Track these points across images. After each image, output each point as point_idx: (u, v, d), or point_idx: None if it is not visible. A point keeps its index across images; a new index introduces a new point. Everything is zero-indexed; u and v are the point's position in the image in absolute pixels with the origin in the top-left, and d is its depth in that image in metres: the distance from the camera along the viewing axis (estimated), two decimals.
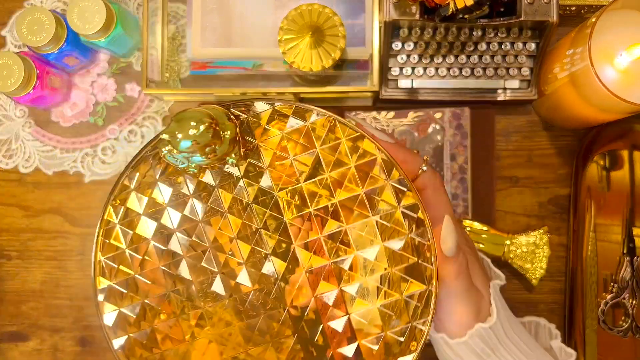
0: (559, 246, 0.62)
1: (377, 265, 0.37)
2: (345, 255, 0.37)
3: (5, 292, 0.66)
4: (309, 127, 0.38)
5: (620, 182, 0.58)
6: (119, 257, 0.39)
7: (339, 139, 0.38)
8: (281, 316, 0.37)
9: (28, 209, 0.66)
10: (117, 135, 0.65)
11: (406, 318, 0.37)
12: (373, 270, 0.37)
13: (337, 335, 0.37)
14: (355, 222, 0.37)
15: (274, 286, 0.37)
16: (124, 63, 0.66)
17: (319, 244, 0.37)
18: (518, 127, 0.63)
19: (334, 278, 0.37)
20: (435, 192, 0.41)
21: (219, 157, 0.36)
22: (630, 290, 0.56)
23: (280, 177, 0.38)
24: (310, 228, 0.37)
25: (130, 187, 0.39)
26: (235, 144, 0.36)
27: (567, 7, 0.60)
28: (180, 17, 0.64)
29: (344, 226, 0.37)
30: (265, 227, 0.37)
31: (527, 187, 0.62)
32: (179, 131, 0.33)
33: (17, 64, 0.57)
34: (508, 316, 0.44)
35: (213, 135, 0.33)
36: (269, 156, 0.38)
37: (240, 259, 0.38)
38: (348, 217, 0.37)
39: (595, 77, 0.47)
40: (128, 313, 0.39)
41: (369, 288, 0.37)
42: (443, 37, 0.58)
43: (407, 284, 0.37)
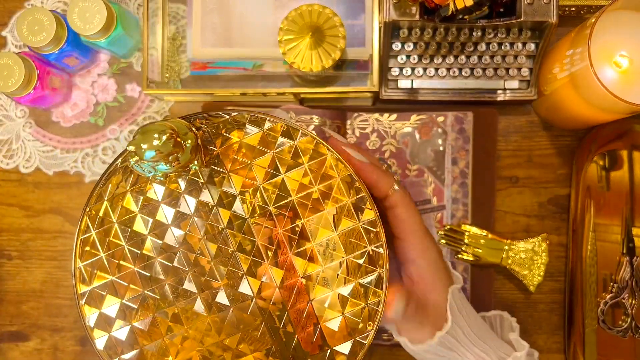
0: (558, 246, 0.62)
1: (334, 254, 0.41)
2: (304, 247, 0.41)
3: (5, 292, 0.66)
4: (264, 133, 0.42)
5: (619, 182, 0.59)
6: (97, 263, 0.42)
7: (291, 142, 0.42)
8: (249, 308, 0.41)
9: (28, 209, 0.66)
10: (117, 135, 0.65)
11: (362, 300, 0.41)
12: (331, 259, 0.41)
13: (302, 321, 0.41)
14: (312, 216, 0.41)
15: (241, 280, 0.41)
16: (124, 63, 0.66)
17: (281, 238, 0.41)
18: (518, 127, 0.63)
19: (296, 269, 0.41)
20: (407, 209, 0.46)
21: (182, 164, 0.39)
22: (630, 290, 0.57)
23: (242, 180, 0.41)
24: (274, 225, 0.41)
25: (104, 197, 0.42)
26: (196, 152, 0.39)
27: (567, 8, 0.60)
28: (181, 17, 0.64)
29: (301, 221, 0.41)
30: (230, 227, 0.41)
31: (526, 187, 0.63)
32: (143, 142, 0.36)
33: (18, 64, 0.57)
34: (467, 314, 0.48)
35: (174, 145, 0.36)
36: (230, 162, 0.41)
37: (208, 257, 0.41)
38: (304, 213, 0.41)
39: (594, 77, 0.47)
40: (108, 314, 0.42)
41: (328, 276, 0.41)
42: (443, 37, 0.58)
43: (361, 268, 0.41)
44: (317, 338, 0.41)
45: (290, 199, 0.41)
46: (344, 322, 0.41)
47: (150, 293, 0.41)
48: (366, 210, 0.41)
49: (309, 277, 0.41)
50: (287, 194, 0.41)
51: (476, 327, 0.48)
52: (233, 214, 0.41)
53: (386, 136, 0.62)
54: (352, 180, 0.42)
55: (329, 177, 0.41)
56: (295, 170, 0.41)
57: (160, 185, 0.41)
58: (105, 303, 0.42)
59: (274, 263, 0.41)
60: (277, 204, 0.41)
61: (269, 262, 0.41)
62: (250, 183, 0.41)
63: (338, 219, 0.41)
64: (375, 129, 0.62)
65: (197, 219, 0.41)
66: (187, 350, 0.41)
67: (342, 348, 0.41)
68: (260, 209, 0.41)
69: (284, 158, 0.42)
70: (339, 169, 0.42)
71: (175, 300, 0.41)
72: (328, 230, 0.41)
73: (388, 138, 0.62)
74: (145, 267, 0.41)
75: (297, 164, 0.41)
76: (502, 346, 0.49)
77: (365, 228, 0.41)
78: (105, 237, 0.42)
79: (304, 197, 0.41)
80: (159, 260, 0.41)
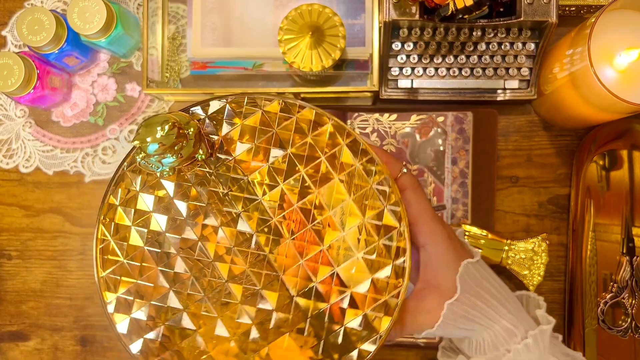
0: (558, 246, 0.62)
1: (351, 219, 0.41)
2: (321, 217, 0.41)
3: (5, 291, 0.66)
4: (263, 113, 0.41)
5: (619, 181, 0.59)
6: (120, 269, 0.42)
7: (291, 117, 0.42)
8: (277, 286, 0.41)
9: (28, 209, 0.66)
10: (117, 135, 0.65)
11: (388, 259, 0.41)
12: (349, 225, 0.41)
13: (330, 291, 0.41)
14: (324, 186, 0.41)
15: (265, 261, 0.41)
16: (124, 63, 0.66)
17: (295, 212, 0.41)
18: (518, 127, 0.63)
19: (316, 240, 0.41)
20: (415, 191, 0.46)
21: (187, 156, 0.39)
22: (630, 290, 0.57)
23: (249, 164, 0.41)
24: (287, 201, 0.41)
25: (117, 203, 0.42)
26: (200, 141, 0.39)
27: (567, 7, 0.60)
28: (181, 17, 0.64)
29: (314, 192, 0.41)
30: (245, 210, 0.41)
31: (526, 186, 0.63)
32: (147, 135, 0.36)
33: (18, 64, 0.57)
34: (489, 286, 0.48)
35: (178, 136, 0.36)
36: (234, 148, 0.41)
37: (228, 244, 0.41)
38: (316, 184, 0.41)
39: (594, 77, 0.47)
40: (139, 318, 0.41)
41: (350, 243, 0.41)
42: (443, 37, 0.58)
43: (381, 230, 0.41)
44: (349, 306, 0.41)
45: (300, 173, 0.41)
46: (372, 285, 0.41)
47: (177, 289, 0.41)
48: (376, 170, 0.41)
49: (331, 246, 0.41)
50: (295, 169, 0.41)
51: (502, 298, 0.48)
52: (246, 198, 0.41)
53: (386, 136, 0.62)
54: (358, 144, 0.41)
55: (335, 145, 0.41)
56: (299, 143, 0.41)
57: (169, 182, 0.41)
58: (134, 308, 0.41)
59: (294, 239, 0.41)
60: (287, 180, 0.41)
61: (289, 238, 0.41)
62: (257, 165, 0.41)
63: (349, 184, 0.41)
64: (375, 129, 0.62)
65: (210, 208, 0.41)
66: (222, 340, 0.41)
67: (375, 310, 0.41)
68: (270, 189, 0.41)
69: (287, 134, 0.41)
70: (343, 135, 0.41)
71: (204, 292, 0.41)
72: (341, 197, 0.41)
73: (388, 138, 0.62)
74: (167, 265, 0.41)
75: (301, 138, 0.41)
76: (529, 320, 0.49)
77: (378, 189, 0.41)
78: (123, 242, 0.41)
79: (313, 168, 0.41)
80: (180, 257, 0.41)
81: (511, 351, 0.46)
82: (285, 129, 0.41)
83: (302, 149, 0.41)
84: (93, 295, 0.65)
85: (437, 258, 0.47)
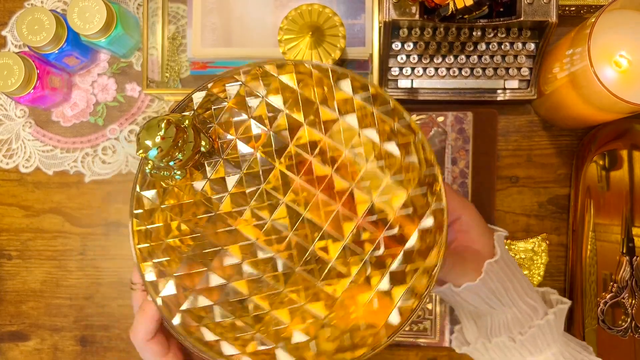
0: (558, 246, 0.62)
1: (366, 149, 0.40)
2: (339, 159, 0.40)
3: (5, 291, 0.66)
4: (243, 84, 0.40)
5: (619, 181, 0.59)
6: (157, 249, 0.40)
7: (274, 77, 0.40)
8: (324, 232, 0.39)
9: (28, 209, 0.66)
10: (117, 135, 0.65)
11: (416, 174, 0.40)
12: (367, 157, 0.40)
13: (374, 224, 0.39)
14: (332, 130, 0.40)
15: (299, 219, 0.39)
16: (124, 63, 0.66)
17: (314, 165, 0.40)
18: (518, 126, 0.63)
19: (343, 181, 0.40)
20: None
21: (193, 150, 0.38)
22: (630, 290, 0.57)
23: (251, 139, 0.40)
24: (303, 159, 0.40)
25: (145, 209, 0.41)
26: (199, 132, 0.39)
27: (567, 7, 0.60)
28: (181, 17, 0.64)
29: (323, 138, 0.40)
30: (267, 183, 0.40)
31: (526, 186, 0.63)
32: (148, 138, 0.36)
33: (18, 64, 0.57)
34: (513, 263, 0.49)
35: (177, 130, 0.36)
36: (232, 129, 0.40)
37: (267, 218, 0.40)
38: (322, 129, 0.40)
39: (594, 77, 0.47)
40: (170, 293, 0.40)
41: (375, 172, 0.40)
42: (443, 37, 0.58)
43: (397, 147, 0.40)
44: (397, 232, 0.40)
45: (302, 127, 0.40)
46: (409, 199, 0.39)
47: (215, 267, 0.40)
48: (379, 94, 0.40)
49: (358, 185, 0.39)
50: (297, 125, 0.40)
51: (523, 277, 0.49)
52: (262, 169, 0.40)
53: None
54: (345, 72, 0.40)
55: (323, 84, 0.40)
56: (291, 99, 0.40)
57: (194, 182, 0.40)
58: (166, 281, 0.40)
59: (326, 190, 0.40)
60: (295, 138, 0.40)
61: (319, 189, 0.40)
62: (259, 136, 0.40)
63: (351, 111, 0.40)
64: None
65: (230, 194, 0.40)
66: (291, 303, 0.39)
67: (411, 231, 0.39)
68: (279, 154, 0.40)
69: (274, 96, 0.40)
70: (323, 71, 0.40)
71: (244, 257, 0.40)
72: (351, 131, 0.40)
73: None
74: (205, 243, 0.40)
75: (291, 93, 0.40)
76: (542, 302, 0.50)
77: (384, 111, 0.40)
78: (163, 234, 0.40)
79: (313, 116, 0.40)
80: (218, 232, 0.40)
81: (534, 327, 0.46)
82: (271, 91, 0.40)
83: (296, 104, 0.40)
84: (93, 295, 0.65)
85: (475, 226, 0.48)
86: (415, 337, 0.62)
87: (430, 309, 0.62)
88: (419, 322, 0.62)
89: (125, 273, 0.51)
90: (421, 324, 0.62)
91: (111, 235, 0.65)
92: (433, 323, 0.62)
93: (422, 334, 0.62)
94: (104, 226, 0.65)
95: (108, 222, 0.65)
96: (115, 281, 0.65)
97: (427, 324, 0.62)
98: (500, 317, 0.48)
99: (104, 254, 0.65)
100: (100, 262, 0.65)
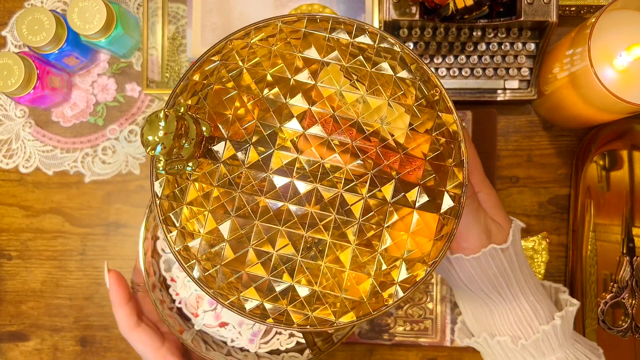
0: (558, 246, 0.62)
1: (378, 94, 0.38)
2: (352, 108, 0.38)
3: (5, 292, 0.66)
4: (220, 64, 0.39)
5: (619, 182, 0.59)
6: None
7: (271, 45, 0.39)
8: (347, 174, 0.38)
9: (28, 209, 0.66)
10: (117, 135, 0.65)
11: (430, 112, 0.39)
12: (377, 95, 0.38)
13: (395, 155, 0.38)
14: (343, 86, 0.38)
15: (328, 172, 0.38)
16: (124, 63, 0.66)
17: (331, 120, 0.38)
18: (518, 127, 0.63)
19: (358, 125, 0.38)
20: (469, 144, 0.46)
21: (197, 137, 0.37)
22: (630, 290, 0.57)
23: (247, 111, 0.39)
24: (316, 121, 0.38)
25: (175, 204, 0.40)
26: (196, 121, 0.38)
27: (567, 8, 0.60)
28: (181, 17, 0.64)
29: (335, 87, 0.38)
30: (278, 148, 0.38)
31: (526, 187, 0.63)
32: (152, 133, 0.35)
33: (18, 64, 0.57)
34: (522, 255, 0.48)
35: (177, 118, 0.35)
36: (224, 109, 0.39)
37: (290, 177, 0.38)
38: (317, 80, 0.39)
39: (594, 77, 0.47)
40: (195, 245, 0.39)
41: (383, 109, 0.38)
42: (443, 37, 0.58)
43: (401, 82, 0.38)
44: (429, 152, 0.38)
45: (289, 80, 0.38)
46: (428, 143, 0.38)
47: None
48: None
49: (377, 132, 0.38)
50: (284, 80, 0.38)
51: (531, 274, 0.48)
52: (267, 134, 0.38)
53: None
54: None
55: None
56: (269, 55, 0.38)
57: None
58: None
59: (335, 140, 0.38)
60: (286, 95, 0.38)
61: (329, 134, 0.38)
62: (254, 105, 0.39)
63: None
64: None
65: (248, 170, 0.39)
66: None
67: None
68: (278, 114, 0.39)
69: (252, 60, 0.39)
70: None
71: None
72: (337, 74, 0.38)
73: None
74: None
75: (269, 52, 0.39)
76: (551, 303, 0.49)
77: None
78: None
79: (311, 75, 0.38)
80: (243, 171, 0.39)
81: (539, 332, 0.46)
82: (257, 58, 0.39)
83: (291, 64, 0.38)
84: (93, 295, 0.65)
85: (494, 206, 0.47)
86: (416, 337, 0.62)
87: (431, 308, 0.62)
88: (419, 321, 0.62)
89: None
90: (422, 324, 0.62)
91: (111, 235, 0.65)
92: (434, 322, 0.62)
93: (423, 333, 0.62)
94: (104, 226, 0.65)
95: (108, 222, 0.65)
96: None
97: (428, 323, 0.62)
98: (503, 316, 0.47)
99: (104, 254, 0.65)
100: (100, 262, 0.65)
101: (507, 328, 0.47)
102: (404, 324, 0.62)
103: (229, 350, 0.54)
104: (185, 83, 0.40)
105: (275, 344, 0.55)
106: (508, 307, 0.47)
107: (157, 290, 0.53)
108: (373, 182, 0.38)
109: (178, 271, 0.54)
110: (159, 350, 0.49)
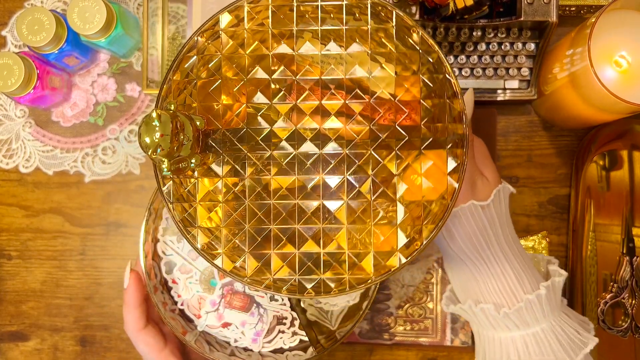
0: (558, 246, 0.62)
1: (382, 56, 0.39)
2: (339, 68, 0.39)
3: (5, 292, 0.66)
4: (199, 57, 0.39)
5: (619, 182, 0.59)
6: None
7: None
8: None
9: (28, 209, 0.66)
10: (117, 135, 0.65)
11: (416, 57, 0.38)
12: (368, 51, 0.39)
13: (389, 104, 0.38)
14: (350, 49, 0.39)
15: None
16: (124, 63, 0.66)
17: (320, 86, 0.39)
18: (518, 127, 0.63)
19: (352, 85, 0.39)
20: None
21: (193, 132, 0.37)
22: (630, 290, 0.57)
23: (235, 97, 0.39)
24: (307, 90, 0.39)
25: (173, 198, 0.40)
26: (188, 117, 0.38)
27: (567, 8, 0.60)
28: (181, 17, 0.64)
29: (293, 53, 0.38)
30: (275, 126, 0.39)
31: (526, 187, 0.63)
32: (149, 134, 0.35)
33: (18, 64, 0.57)
34: (506, 220, 0.47)
35: (171, 116, 0.35)
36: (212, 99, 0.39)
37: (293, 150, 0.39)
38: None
39: (594, 77, 0.47)
40: None
41: (366, 63, 0.39)
42: (443, 37, 0.58)
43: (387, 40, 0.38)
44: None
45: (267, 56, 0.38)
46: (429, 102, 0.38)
47: None
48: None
49: (366, 88, 0.38)
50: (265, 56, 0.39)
51: (516, 241, 0.48)
52: (261, 116, 0.39)
53: None
54: None
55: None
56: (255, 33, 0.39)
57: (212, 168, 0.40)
58: None
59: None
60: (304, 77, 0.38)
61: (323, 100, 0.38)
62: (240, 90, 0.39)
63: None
64: None
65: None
66: None
67: None
68: (265, 94, 0.39)
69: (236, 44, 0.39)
70: None
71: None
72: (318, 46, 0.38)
73: None
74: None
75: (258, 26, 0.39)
76: (537, 273, 0.48)
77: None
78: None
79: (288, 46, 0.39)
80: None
81: (522, 301, 0.45)
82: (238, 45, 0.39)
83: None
84: (93, 295, 0.65)
85: (482, 153, 0.48)
86: (416, 336, 0.62)
87: (431, 307, 0.62)
88: (420, 321, 0.62)
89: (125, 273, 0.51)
90: (422, 323, 0.62)
91: (111, 235, 0.65)
92: (434, 322, 0.62)
93: (423, 332, 0.62)
94: (104, 226, 0.65)
95: (108, 222, 0.65)
96: (115, 281, 0.65)
97: (428, 322, 0.62)
98: (487, 283, 0.46)
99: (104, 254, 0.65)
100: (100, 262, 0.65)
101: (492, 296, 0.46)
102: (404, 323, 0.62)
103: (232, 351, 0.54)
104: (169, 85, 0.40)
105: (279, 343, 0.55)
106: (492, 274, 0.46)
107: (159, 292, 0.53)
108: (376, 137, 0.38)
109: (179, 273, 0.55)
110: (161, 352, 0.49)
